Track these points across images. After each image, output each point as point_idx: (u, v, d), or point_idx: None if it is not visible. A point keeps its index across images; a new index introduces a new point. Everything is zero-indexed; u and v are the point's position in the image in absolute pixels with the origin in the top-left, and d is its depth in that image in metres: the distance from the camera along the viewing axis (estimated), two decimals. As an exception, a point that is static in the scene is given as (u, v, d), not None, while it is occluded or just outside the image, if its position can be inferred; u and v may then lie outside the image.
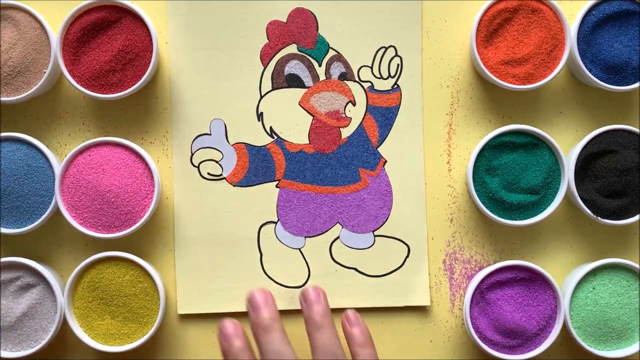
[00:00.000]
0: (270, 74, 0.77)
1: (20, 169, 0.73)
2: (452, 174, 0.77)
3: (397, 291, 0.77)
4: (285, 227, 0.77)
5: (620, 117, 0.78)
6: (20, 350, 0.73)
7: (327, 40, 0.77)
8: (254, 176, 0.77)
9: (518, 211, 0.74)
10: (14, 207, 0.73)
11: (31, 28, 0.73)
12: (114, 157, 0.74)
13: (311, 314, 0.70)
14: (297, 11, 0.77)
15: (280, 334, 0.69)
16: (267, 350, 0.68)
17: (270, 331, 0.69)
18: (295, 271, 0.77)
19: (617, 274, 0.74)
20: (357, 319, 0.72)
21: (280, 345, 0.68)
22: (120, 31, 0.73)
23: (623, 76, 0.74)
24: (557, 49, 0.74)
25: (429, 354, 0.77)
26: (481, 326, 0.74)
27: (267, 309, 0.70)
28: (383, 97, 0.77)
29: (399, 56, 0.77)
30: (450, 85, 0.77)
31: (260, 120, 0.77)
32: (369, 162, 0.77)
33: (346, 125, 0.77)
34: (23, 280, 0.73)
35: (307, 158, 0.77)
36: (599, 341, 0.74)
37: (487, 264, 0.77)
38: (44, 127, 0.77)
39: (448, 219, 0.77)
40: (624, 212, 0.74)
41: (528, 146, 0.74)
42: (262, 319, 0.69)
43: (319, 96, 0.77)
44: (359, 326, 0.71)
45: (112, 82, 0.73)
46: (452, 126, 0.77)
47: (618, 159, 0.73)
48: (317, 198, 0.77)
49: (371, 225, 0.77)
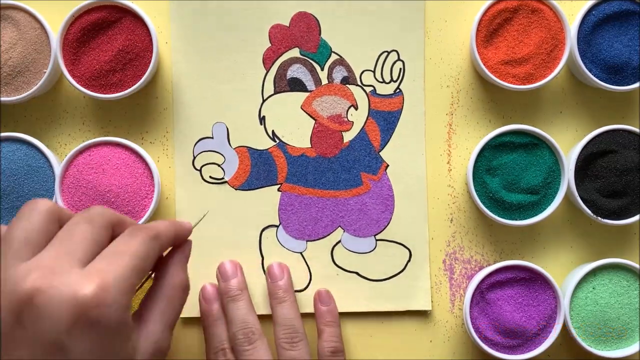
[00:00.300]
0: (272, 77, 0.77)
1: (20, 169, 0.73)
2: (452, 174, 0.77)
3: (399, 295, 0.77)
4: (287, 230, 0.77)
5: (620, 117, 0.78)
6: (21, 350, 0.73)
7: (330, 44, 0.77)
8: (255, 180, 0.77)
9: (518, 211, 0.74)
10: (14, 207, 0.73)
11: (31, 28, 0.73)
12: (114, 157, 0.74)
13: (274, 288, 0.74)
14: (300, 15, 0.77)
15: (246, 302, 0.72)
16: (233, 317, 0.71)
17: (238, 300, 0.72)
18: (297, 275, 0.77)
19: (617, 274, 0.74)
20: (328, 299, 0.75)
21: (246, 313, 0.72)
22: (120, 31, 0.73)
23: (623, 76, 0.74)
24: (557, 49, 0.74)
25: (429, 354, 0.77)
26: (481, 326, 0.74)
27: (235, 278, 0.74)
28: (385, 102, 0.77)
29: (401, 60, 0.77)
30: (450, 85, 0.77)
31: (263, 123, 0.77)
32: (371, 166, 0.77)
33: (348, 129, 0.77)
34: (23, 280, 0.73)
35: (309, 162, 0.77)
36: (599, 341, 0.74)
37: (487, 264, 0.77)
38: (44, 127, 0.77)
39: (448, 219, 0.77)
40: (624, 212, 0.74)
41: (528, 146, 0.74)
42: (230, 288, 0.73)
43: (321, 100, 0.77)
44: (328, 305, 0.75)
45: (112, 82, 0.73)
46: (452, 126, 0.77)
47: (618, 159, 0.73)
48: (319, 202, 0.77)
49: (373, 230, 0.77)
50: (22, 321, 0.50)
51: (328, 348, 0.72)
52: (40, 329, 0.49)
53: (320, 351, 0.73)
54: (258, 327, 0.71)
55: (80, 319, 0.50)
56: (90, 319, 0.50)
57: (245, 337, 0.70)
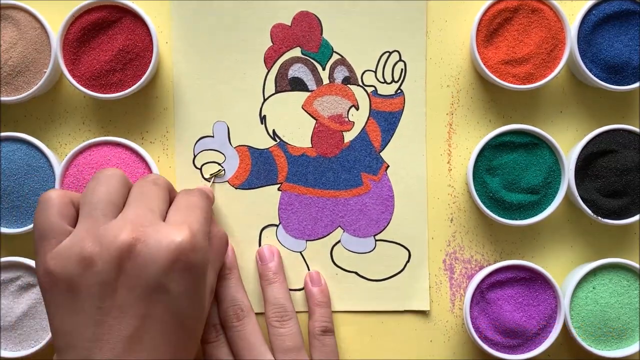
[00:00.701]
0: (273, 77, 0.77)
1: (20, 169, 0.73)
2: (452, 173, 0.77)
3: (397, 295, 0.77)
4: (286, 230, 0.77)
5: (620, 117, 0.78)
6: (20, 350, 0.73)
7: (331, 44, 0.77)
8: (256, 179, 0.77)
9: (518, 211, 0.74)
10: (14, 207, 0.73)
11: (31, 28, 0.73)
12: (114, 156, 0.74)
13: (265, 270, 0.76)
14: (302, 14, 0.76)
15: (236, 280, 0.75)
16: (223, 295, 0.74)
17: (227, 278, 0.74)
18: (296, 274, 0.77)
19: (617, 273, 0.74)
20: (319, 280, 0.76)
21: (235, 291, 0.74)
22: (120, 31, 0.73)
23: (623, 76, 0.74)
24: (557, 49, 0.74)
25: (429, 354, 0.77)
26: (481, 326, 0.74)
27: (227, 258, 0.75)
28: (386, 102, 0.77)
29: (402, 61, 0.77)
30: (450, 85, 0.77)
31: (263, 123, 0.77)
32: (371, 166, 0.77)
33: (349, 129, 0.77)
34: (23, 280, 0.73)
35: (309, 162, 0.77)
36: (599, 341, 0.74)
37: (487, 263, 0.77)
38: (44, 127, 0.77)
39: (448, 219, 0.77)
40: (624, 212, 0.74)
41: (528, 146, 0.74)
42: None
43: (322, 100, 0.77)
44: (319, 286, 0.76)
45: (112, 82, 0.73)
46: (452, 126, 0.77)
47: (618, 159, 0.73)
48: (319, 202, 0.77)
49: (372, 230, 0.77)
50: (124, 269, 0.57)
51: (319, 327, 0.74)
52: (144, 273, 0.57)
53: (311, 330, 0.74)
54: (247, 304, 0.73)
55: (179, 262, 0.58)
56: (187, 262, 0.58)
57: (234, 314, 0.72)
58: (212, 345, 0.73)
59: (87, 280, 0.57)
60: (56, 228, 0.60)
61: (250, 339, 0.72)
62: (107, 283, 0.57)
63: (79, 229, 0.60)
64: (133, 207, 0.61)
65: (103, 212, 0.60)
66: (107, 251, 0.57)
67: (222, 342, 0.73)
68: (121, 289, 0.57)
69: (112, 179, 0.63)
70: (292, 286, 0.77)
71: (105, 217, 0.60)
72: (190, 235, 0.59)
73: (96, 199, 0.61)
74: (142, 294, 0.57)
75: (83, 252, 0.57)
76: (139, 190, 0.64)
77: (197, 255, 0.59)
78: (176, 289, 0.58)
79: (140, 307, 0.57)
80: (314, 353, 0.73)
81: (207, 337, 0.73)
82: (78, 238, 0.59)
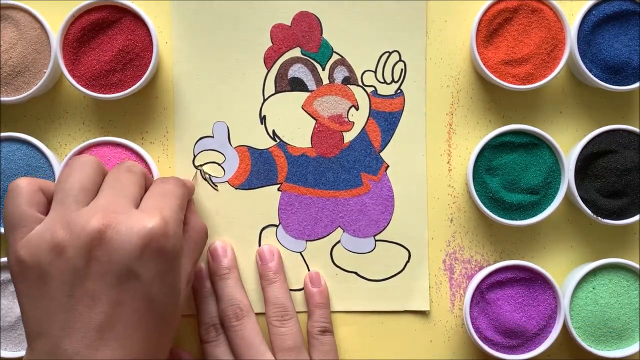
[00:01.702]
0: (273, 77, 0.77)
1: (20, 169, 0.73)
2: (452, 174, 0.77)
3: (397, 296, 0.77)
4: (286, 230, 0.77)
5: (620, 117, 0.78)
6: (20, 350, 0.73)
7: (331, 44, 0.76)
8: (255, 179, 0.77)
9: (518, 211, 0.74)
10: (14, 207, 0.73)
11: (31, 28, 0.73)
12: (114, 157, 0.74)
13: (265, 270, 0.76)
14: (302, 15, 0.76)
15: (235, 280, 0.75)
16: (222, 294, 0.74)
17: (226, 277, 0.75)
18: (296, 274, 0.77)
19: (617, 274, 0.74)
20: (319, 280, 0.76)
21: (234, 290, 0.74)
22: (120, 31, 0.73)
23: (623, 76, 0.74)
24: (557, 49, 0.74)
25: (429, 354, 0.77)
26: (481, 326, 0.74)
27: (225, 258, 0.76)
28: (386, 102, 0.77)
29: (402, 61, 0.77)
30: (450, 85, 0.77)
31: (263, 123, 0.77)
32: (371, 166, 0.77)
33: (349, 129, 0.77)
34: (23, 280, 0.73)
35: (309, 162, 0.77)
36: (599, 341, 0.74)
37: (487, 264, 0.77)
38: (44, 127, 0.77)
39: (448, 219, 0.77)
40: (624, 212, 0.74)
41: (528, 146, 0.74)
42: (219, 267, 0.75)
43: (322, 100, 0.77)
44: (319, 287, 0.76)
45: (112, 82, 0.73)
46: (452, 126, 0.77)
47: (618, 159, 0.73)
48: (319, 202, 0.77)
49: (372, 230, 0.77)
50: (95, 256, 0.57)
51: (317, 328, 0.74)
52: (114, 260, 0.57)
53: (310, 330, 0.74)
54: (246, 303, 0.74)
55: (149, 247, 0.58)
56: (158, 247, 0.58)
57: (233, 313, 0.73)
58: (211, 345, 0.73)
59: (58, 268, 0.57)
60: (26, 216, 0.60)
61: (250, 338, 0.72)
62: (77, 270, 0.57)
63: (51, 216, 0.60)
64: (106, 194, 0.61)
65: (76, 199, 0.60)
66: (78, 238, 0.57)
67: (222, 342, 0.73)
68: (92, 276, 0.57)
69: (86, 165, 0.63)
70: (292, 286, 0.77)
71: (78, 204, 0.60)
72: (162, 222, 0.59)
73: (69, 185, 0.61)
74: (113, 281, 0.57)
75: (54, 239, 0.57)
76: (113, 177, 0.64)
77: (168, 241, 0.59)
78: (147, 275, 0.58)
79: (111, 294, 0.57)
80: (313, 353, 0.73)
81: (207, 337, 0.74)
82: (49, 225, 0.59)
